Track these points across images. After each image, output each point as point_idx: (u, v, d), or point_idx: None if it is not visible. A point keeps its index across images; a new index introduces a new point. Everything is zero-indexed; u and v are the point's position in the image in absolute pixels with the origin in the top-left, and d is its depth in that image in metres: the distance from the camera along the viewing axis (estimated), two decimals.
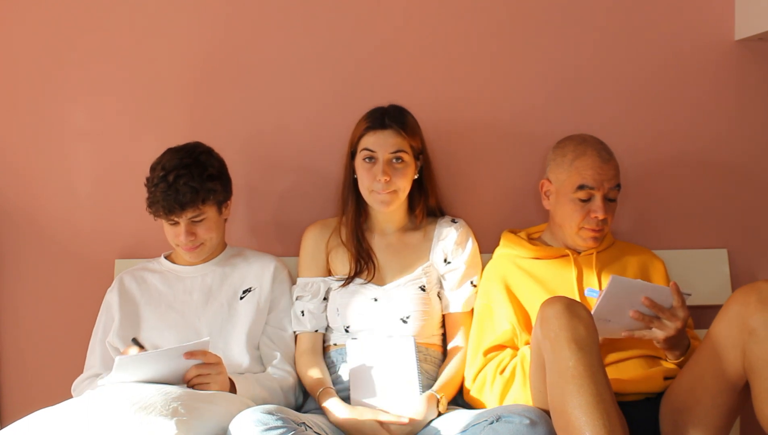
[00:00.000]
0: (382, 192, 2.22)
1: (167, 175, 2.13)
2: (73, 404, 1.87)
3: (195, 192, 2.13)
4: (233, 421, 1.86)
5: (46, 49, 2.48)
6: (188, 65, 2.49)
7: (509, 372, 2.11)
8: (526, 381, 2.06)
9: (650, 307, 1.97)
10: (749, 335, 1.82)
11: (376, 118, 2.23)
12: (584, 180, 2.16)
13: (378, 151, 2.21)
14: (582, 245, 2.22)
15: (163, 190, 2.12)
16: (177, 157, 2.17)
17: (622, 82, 2.50)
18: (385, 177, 2.19)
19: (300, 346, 2.28)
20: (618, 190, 2.19)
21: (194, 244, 2.20)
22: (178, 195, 2.12)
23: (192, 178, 2.14)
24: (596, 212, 2.15)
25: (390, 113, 2.24)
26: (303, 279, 2.31)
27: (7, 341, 2.51)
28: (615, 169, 2.18)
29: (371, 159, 2.21)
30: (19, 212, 2.50)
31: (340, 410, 2.09)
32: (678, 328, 1.98)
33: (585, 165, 2.16)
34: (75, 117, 2.49)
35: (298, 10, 2.48)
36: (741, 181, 2.53)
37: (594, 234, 2.18)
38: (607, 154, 2.19)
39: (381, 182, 2.20)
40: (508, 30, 2.50)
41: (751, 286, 1.86)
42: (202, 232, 2.20)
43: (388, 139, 2.21)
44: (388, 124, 2.22)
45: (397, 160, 2.21)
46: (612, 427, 1.73)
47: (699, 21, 2.49)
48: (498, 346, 2.17)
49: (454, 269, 2.29)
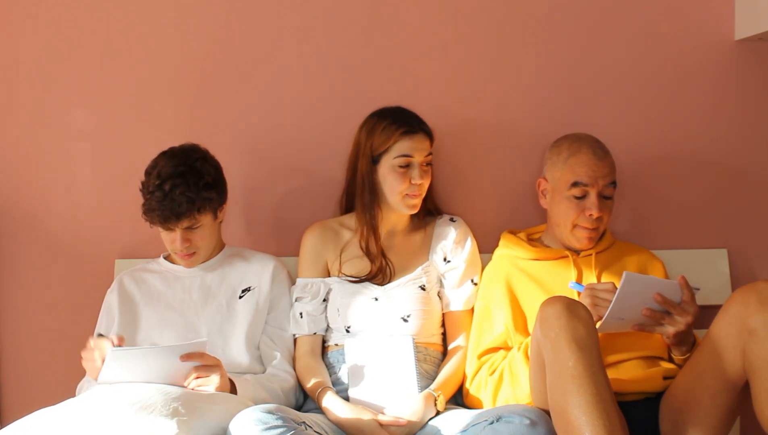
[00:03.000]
0: (416, 196, 2.23)
1: (163, 184, 2.10)
2: (73, 404, 1.87)
3: (191, 202, 2.11)
4: (233, 421, 1.86)
5: (46, 49, 2.48)
6: (188, 65, 2.49)
7: (498, 374, 2.11)
8: (513, 381, 2.07)
9: (662, 303, 1.97)
10: (749, 335, 1.82)
11: (407, 122, 2.22)
12: (578, 177, 2.16)
13: (415, 156, 2.21)
14: (576, 245, 2.22)
15: (158, 199, 2.10)
16: (172, 165, 2.13)
17: (623, 82, 2.50)
18: (421, 180, 2.21)
19: (299, 349, 2.28)
20: (614, 188, 2.18)
21: (189, 250, 2.20)
22: (173, 205, 2.09)
23: (188, 187, 2.11)
24: (590, 209, 2.15)
25: (414, 117, 2.25)
26: (303, 280, 2.31)
27: (7, 341, 2.51)
28: (610, 166, 2.18)
29: (408, 164, 2.21)
30: (19, 212, 2.50)
31: (340, 409, 2.09)
32: (688, 322, 1.98)
33: (579, 162, 2.16)
34: (75, 117, 2.49)
35: (298, 11, 2.48)
36: (741, 181, 2.53)
37: (588, 233, 2.18)
38: (602, 151, 2.19)
39: (417, 186, 2.21)
40: (508, 30, 2.50)
41: (750, 286, 1.86)
42: (198, 239, 2.19)
43: (423, 144, 2.22)
44: (420, 129, 2.22)
45: (428, 163, 2.24)
46: (612, 427, 1.73)
47: (699, 21, 2.49)
48: (493, 349, 2.17)
49: (454, 268, 2.29)
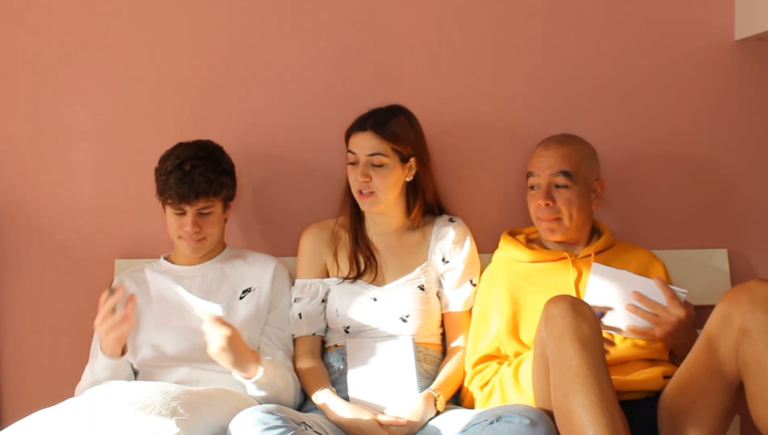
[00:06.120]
0: (362, 195, 2.23)
1: (183, 164, 2.15)
2: (72, 404, 1.88)
3: (209, 182, 2.16)
4: (233, 421, 1.86)
5: (46, 49, 2.47)
6: (188, 65, 2.49)
7: (489, 389, 2.13)
8: (504, 398, 2.08)
9: (639, 300, 2.00)
10: (742, 336, 1.81)
11: (359, 121, 2.25)
12: (529, 168, 2.24)
13: (357, 153, 2.23)
14: (545, 238, 2.25)
15: (178, 177, 2.14)
16: (192, 149, 2.20)
17: (622, 82, 2.50)
18: (363, 178, 2.20)
19: (298, 350, 2.28)
20: (567, 178, 2.18)
21: (199, 236, 2.21)
22: (193, 183, 2.14)
23: (207, 169, 2.17)
24: (538, 199, 2.19)
25: (376, 116, 2.25)
26: (301, 280, 2.31)
27: (7, 341, 2.51)
28: (558, 156, 2.20)
29: (353, 162, 2.24)
30: (19, 212, 2.49)
31: (340, 409, 2.09)
32: (674, 324, 1.99)
33: (533, 155, 2.25)
34: (75, 117, 2.49)
35: (298, 10, 2.48)
36: (741, 181, 2.53)
37: (548, 224, 2.20)
38: (555, 142, 2.23)
39: (359, 183, 2.21)
40: (508, 30, 2.50)
41: (742, 286, 1.85)
42: (208, 225, 2.21)
43: (367, 141, 2.22)
44: (367, 127, 2.22)
45: (379, 164, 2.22)
46: (615, 427, 1.73)
47: (699, 21, 2.49)
48: (487, 356, 2.18)
49: (452, 268, 2.29)
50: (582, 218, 2.22)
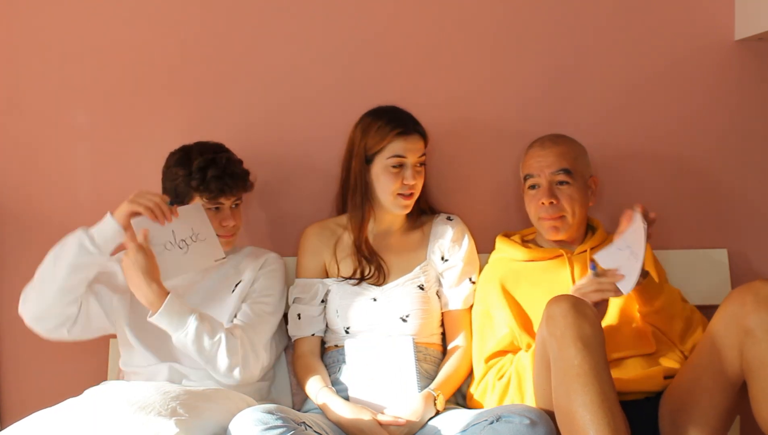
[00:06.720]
0: (408, 197, 2.23)
1: (215, 158, 2.16)
2: (72, 405, 1.88)
3: (244, 173, 2.21)
4: (233, 421, 1.86)
5: (46, 49, 2.47)
6: (188, 66, 2.49)
7: (507, 378, 2.12)
8: (520, 385, 2.07)
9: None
10: (746, 336, 1.82)
11: (402, 123, 2.22)
12: (527, 170, 2.23)
13: (408, 157, 2.21)
14: (547, 237, 2.23)
15: (217, 171, 2.14)
16: (210, 146, 2.22)
17: (622, 82, 2.50)
18: (414, 181, 2.21)
19: (297, 350, 2.28)
20: (567, 175, 2.19)
21: (234, 230, 2.22)
22: (233, 175, 2.17)
23: (235, 163, 2.21)
24: (541, 198, 2.18)
25: (409, 117, 2.25)
26: (301, 280, 2.31)
27: (7, 341, 2.51)
28: (556, 154, 2.20)
29: (401, 165, 2.22)
30: (19, 212, 2.49)
31: (340, 408, 2.09)
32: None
33: (528, 156, 2.24)
34: (75, 117, 2.49)
35: (299, 11, 2.48)
36: (741, 181, 2.53)
37: (552, 222, 2.20)
38: (550, 142, 2.22)
39: (409, 186, 2.22)
40: (507, 29, 2.50)
41: (747, 286, 1.86)
42: (238, 219, 2.23)
43: (417, 144, 2.23)
44: (414, 130, 2.23)
45: (421, 164, 2.24)
46: (616, 426, 1.73)
47: (699, 21, 2.50)
48: (499, 352, 2.17)
49: (452, 267, 2.30)
50: (582, 215, 2.23)
